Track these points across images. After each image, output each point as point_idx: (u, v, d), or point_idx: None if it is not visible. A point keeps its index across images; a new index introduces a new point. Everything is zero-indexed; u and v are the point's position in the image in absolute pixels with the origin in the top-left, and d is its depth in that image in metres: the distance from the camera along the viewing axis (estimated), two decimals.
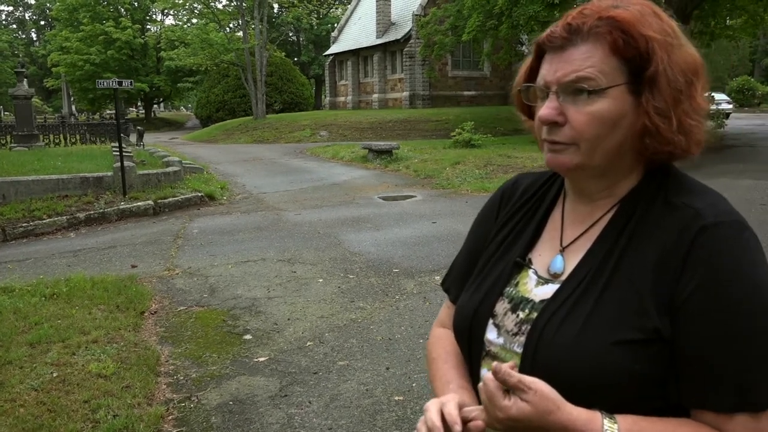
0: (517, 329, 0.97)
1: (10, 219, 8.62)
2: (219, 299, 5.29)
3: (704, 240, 0.87)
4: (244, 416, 3.32)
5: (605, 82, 0.90)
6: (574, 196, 1.04)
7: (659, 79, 0.90)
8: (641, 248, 0.92)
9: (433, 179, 12.44)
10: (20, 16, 72.11)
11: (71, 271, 6.22)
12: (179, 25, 37.01)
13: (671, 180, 0.97)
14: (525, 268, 1.04)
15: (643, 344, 0.87)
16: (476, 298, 1.05)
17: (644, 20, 0.92)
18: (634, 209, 0.95)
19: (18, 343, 4.20)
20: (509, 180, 1.22)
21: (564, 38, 0.93)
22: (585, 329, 0.89)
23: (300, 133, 26.04)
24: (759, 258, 0.88)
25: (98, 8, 44.54)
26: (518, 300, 1.01)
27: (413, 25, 30.64)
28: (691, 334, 0.86)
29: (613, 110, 0.91)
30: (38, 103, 52.00)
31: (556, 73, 0.93)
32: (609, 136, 0.92)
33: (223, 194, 11.34)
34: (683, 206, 0.91)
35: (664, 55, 0.90)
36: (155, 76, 47.11)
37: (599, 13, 0.92)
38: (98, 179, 10.11)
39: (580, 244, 1.00)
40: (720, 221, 0.88)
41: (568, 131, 0.93)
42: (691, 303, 0.86)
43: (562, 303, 0.94)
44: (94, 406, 3.33)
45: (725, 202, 0.93)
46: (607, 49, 0.91)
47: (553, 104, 0.93)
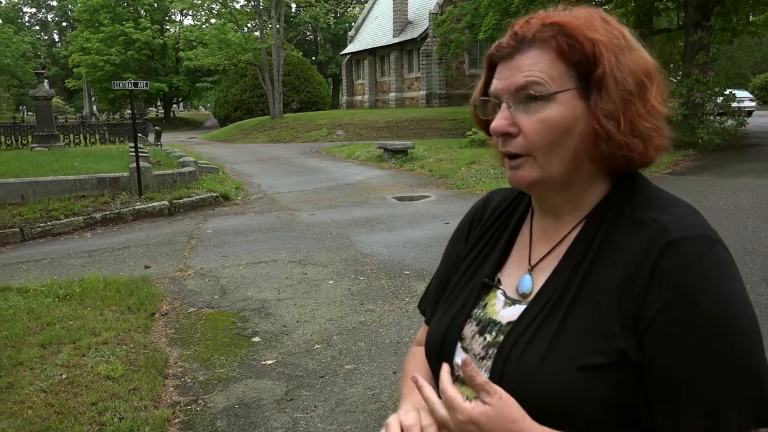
0: (485, 353, 0.95)
1: (28, 219, 8.74)
2: (229, 301, 5.30)
3: (670, 256, 0.83)
4: (249, 420, 3.32)
5: (554, 87, 0.88)
6: (541, 212, 1.01)
7: (607, 81, 0.88)
8: (607, 266, 0.88)
9: (447, 179, 12.38)
10: (43, 18, 73.25)
11: (86, 271, 6.28)
12: (197, 26, 37.25)
13: (638, 192, 0.93)
14: (493, 288, 1.01)
15: (608, 368, 0.83)
16: (445, 321, 1.03)
17: (590, 24, 0.90)
18: (600, 225, 0.92)
19: (30, 344, 4.25)
20: (482, 197, 1.19)
21: (512, 47, 0.92)
22: (549, 353, 0.86)
23: (316, 133, 26.10)
24: (729, 273, 0.83)
25: (118, 9, 45.07)
26: (486, 322, 0.98)
27: (430, 23, 30.56)
28: (658, 356, 0.82)
29: (564, 115, 0.88)
30: (60, 103, 52.81)
31: (506, 81, 0.91)
32: (562, 143, 0.89)
33: (238, 194, 11.39)
34: (649, 221, 0.87)
35: (611, 57, 0.88)
36: (174, 76, 47.57)
37: (544, 19, 0.91)
38: (115, 179, 10.21)
39: (547, 263, 0.96)
40: (687, 235, 0.84)
41: (521, 141, 0.90)
42: (658, 322, 0.82)
43: (527, 325, 0.91)
44: (101, 408, 3.35)
45: (695, 215, 0.89)
46: (554, 54, 0.89)
47: (504, 114, 0.91)
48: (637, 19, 17.66)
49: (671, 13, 18.53)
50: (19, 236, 8.37)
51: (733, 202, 8.40)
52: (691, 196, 8.90)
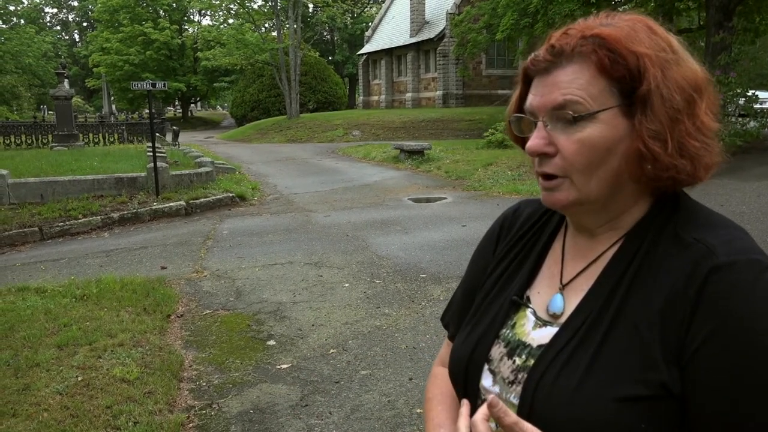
0: (514, 377, 0.90)
1: (47, 218, 8.81)
2: (245, 303, 5.29)
3: (717, 281, 0.77)
4: (264, 426, 3.29)
5: (594, 105, 0.83)
6: (575, 228, 0.96)
7: (653, 99, 0.82)
8: (647, 289, 0.82)
9: (464, 180, 12.31)
10: (64, 18, 74.18)
11: (103, 271, 6.31)
12: (215, 26, 37.50)
13: (682, 211, 0.87)
14: (523, 307, 0.96)
15: (649, 401, 0.78)
16: (471, 340, 0.98)
17: (634, 36, 0.84)
18: (640, 244, 0.86)
19: (46, 345, 4.26)
20: (511, 207, 1.14)
21: (549, 61, 0.86)
22: (584, 382, 0.81)
23: (333, 133, 26.12)
24: None
25: (138, 9, 45.49)
26: (515, 344, 0.93)
27: (447, 23, 30.46)
28: (702, 390, 0.76)
29: (605, 135, 0.83)
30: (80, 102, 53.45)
31: (542, 98, 0.86)
32: (603, 164, 0.84)
33: (255, 195, 11.41)
34: (694, 242, 0.82)
35: (657, 72, 0.82)
36: (192, 75, 47.90)
37: (583, 31, 0.85)
38: (132, 179, 10.27)
39: (581, 282, 0.91)
40: (735, 260, 0.78)
41: (559, 162, 0.85)
42: (703, 354, 0.76)
43: (560, 350, 0.85)
44: (116, 411, 3.34)
45: (745, 237, 0.82)
46: (594, 70, 0.83)
47: (540, 134, 0.86)
48: (657, 20, 17.46)
49: (692, 13, 18.29)
50: (38, 235, 8.44)
51: (757, 206, 8.24)
52: (713, 199, 8.76)
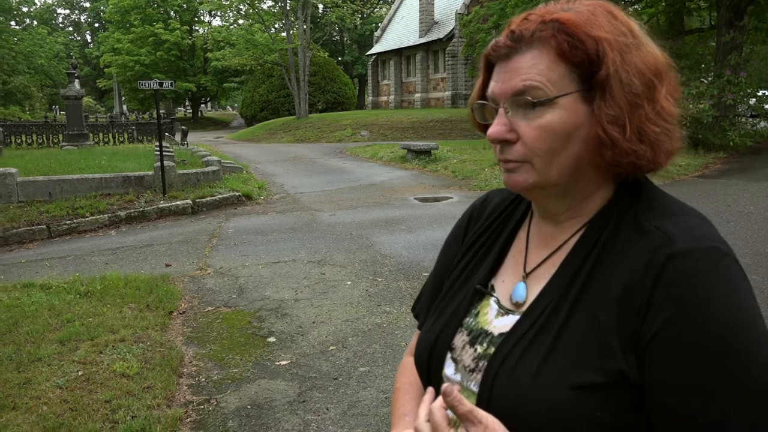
0: (475, 365, 0.90)
1: (55, 216, 8.89)
2: (247, 300, 5.31)
3: (674, 269, 0.76)
4: (261, 421, 3.30)
5: (554, 91, 0.82)
6: (540, 216, 0.96)
7: (611, 83, 0.81)
8: (606, 277, 0.82)
9: (470, 180, 12.28)
10: (76, 19, 74.77)
11: (108, 268, 6.35)
12: (225, 26, 37.67)
13: (644, 198, 0.87)
14: (487, 296, 0.96)
15: (605, 388, 0.77)
16: (435, 329, 0.98)
17: (594, 20, 0.83)
18: (601, 232, 0.86)
19: (49, 340, 4.30)
20: (480, 197, 1.14)
21: (509, 47, 0.86)
22: (542, 370, 0.81)
23: (341, 133, 26.16)
24: (739, 288, 0.76)
25: (148, 10, 45.81)
26: (477, 332, 0.93)
27: (456, 23, 30.42)
28: (660, 379, 0.76)
29: (565, 121, 0.83)
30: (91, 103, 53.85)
31: (503, 85, 0.86)
32: (563, 150, 0.84)
33: (261, 194, 11.44)
34: (654, 230, 0.81)
35: (616, 56, 0.82)
36: (202, 76, 48.17)
37: (543, 16, 0.85)
38: (139, 178, 10.33)
39: (544, 271, 0.91)
40: (693, 247, 0.77)
41: (520, 148, 0.85)
42: (659, 342, 0.76)
43: (520, 338, 0.85)
44: (115, 406, 3.36)
45: (704, 225, 0.82)
46: (553, 55, 0.83)
47: (502, 120, 0.86)
48: (668, 19, 17.34)
49: (703, 12, 18.15)
50: (46, 233, 8.52)
51: (765, 206, 8.17)
52: (720, 200, 8.69)
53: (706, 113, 13.24)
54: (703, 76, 14.72)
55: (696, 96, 13.23)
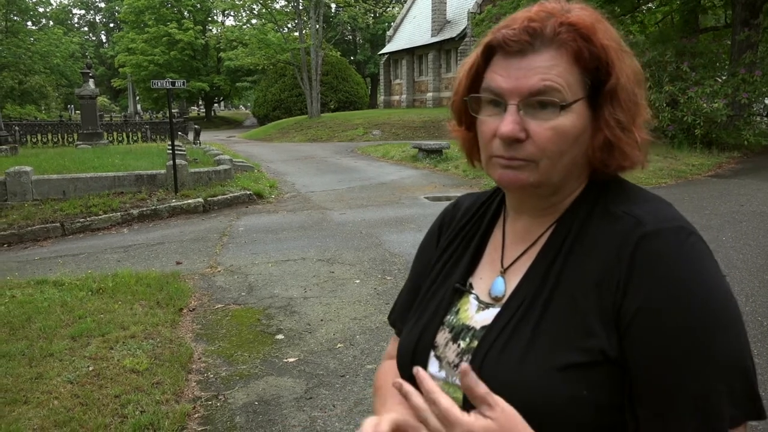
0: (459, 360, 0.91)
1: (68, 214, 8.99)
2: (256, 298, 5.34)
3: (646, 249, 0.80)
4: (268, 417, 3.33)
5: (570, 95, 0.84)
6: (516, 213, 0.97)
7: (620, 92, 0.85)
8: (582, 263, 0.85)
9: (481, 180, 12.25)
10: (91, 19, 75.47)
11: (120, 266, 6.42)
12: (238, 26, 37.87)
13: (612, 188, 0.90)
14: (465, 293, 0.97)
15: (589, 367, 0.79)
16: (416, 330, 0.99)
17: (601, 28, 0.86)
18: (572, 222, 0.89)
19: (61, 336, 4.36)
20: (450, 202, 1.15)
21: (524, 42, 0.84)
22: (526, 356, 0.82)
23: (353, 132, 26.20)
24: (707, 264, 0.80)
25: (162, 10, 46.11)
26: (459, 328, 0.94)
27: (468, 23, 30.33)
28: (642, 354, 0.79)
29: (576, 125, 0.85)
30: (106, 102, 54.33)
31: (516, 81, 0.84)
32: (568, 152, 0.86)
33: (272, 192, 11.50)
34: (623, 215, 0.84)
35: (620, 65, 0.85)
36: (215, 75, 48.44)
37: (559, 17, 0.85)
38: (152, 177, 10.42)
39: (521, 264, 0.93)
40: (661, 228, 0.81)
41: (530, 148, 0.85)
42: (639, 320, 0.78)
43: (502, 329, 0.87)
44: (124, 401, 3.41)
45: (669, 208, 0.86)
46: (571, 58, 0.84)
47: (515, 118, 0.84)
48: (682, 17, 17.18)
49: (718, 10, 17.96)
50: (59, 231, 8.62)
51: None
52: (734, 199, 8.61)
53: (720, 112, 13.11)
54: (718, 74, 14.57)
55: (710, 95, 13.10)
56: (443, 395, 0.79)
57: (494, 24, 3.79)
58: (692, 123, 12.96)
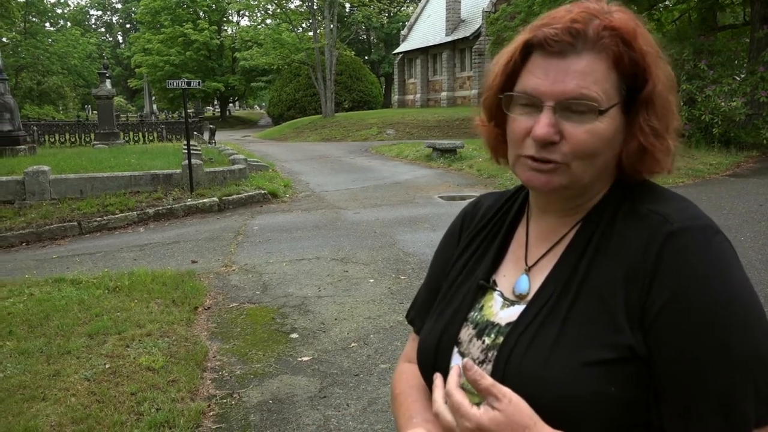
0: (484, 356, 0.90)
1: (85, 213, 9.09)
2: (270, 297, 5.36)
3: (672, 247, 0.80)
4: (282, 416, 3.34)
5: (606, 101, 0.83)
6: (541, 212, 0.97)
7: (655, 99, 0.85)
8: (609, 260, 0.84)
9: (495, 179, 12.20)
10: (108, 20, 76.25)
11: (136, 264, 6.48)
12: (252, 26, 38.05)
13: (637, 188, 0.90)
14: (489, 290, 0.97)
15: (616, 363, 0.79)
16: (439, 326, 0.98)
17: (640, 32, 0.85)
18: (599, 220, 0.88)
19: (78, 333, 4.40)
20: (471, 202, 1.15)
21: (567, 42, 0.83)
22: (554, 352, 0.82)
23: (367, 132, 26.22)
24: (732, 263, 0.80)
25: (178, 11, 46.48)
26: (483, 325, 0.93)
27: (483, 21, 30.23)
28: (666, 351, 0.78)
29: (610, 129, 0.85)
30: (122, 102, 54.86)
31: (553, 84, 0.83)
32: (601, 156, 0.86)
33: (286, 192, 11.54)
34: (649, 213, 0.85)
35: (657, 72, 0.85)
36: (230, 75, 48.73)
37: (602, 19, 0.84)
38: (167, 176, 10.50)
39: (546, 262, 0.92)
40: (689, 225, 0.81)
41: (564, 149, 0.84)
42: (664, 317, 0.78)
43: (528, 325, 0.86)
44: (140, 398, 3.43)
45: (695, 207, 0.86)
46: (610, 63, 0.84)
47: (550, 120, 0.84)
48: (699, 15, 16.98)
49: (737, 8, 17.73)
50: (77, 230, 8.72)
51: None
52: (752, 199, 8.50)
53: (739, 111, 12.94)
54: (736, 73, 14.39)
55: (728, 93, 12.94)
56: (457, 391, 0.83)
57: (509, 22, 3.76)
58: (710, 122, 12.81)
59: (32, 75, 41.51)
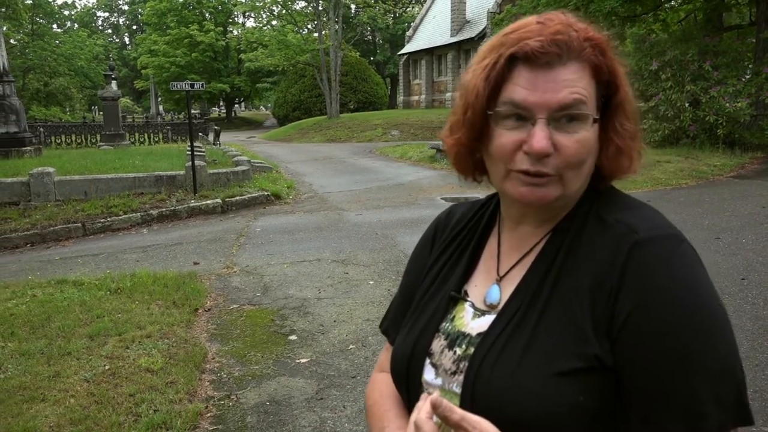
0: (455, 367, 0.91)
1: (90, 215, 9.15)
2: (271, 298, 5.39)
3: (637, 258, 0.81)
4: (279, 417, 3.36)
5: (592, 108, 0.86)
6: (514, 222, 0.97)
7: (626, 104, 0.89)
8: (576, 270, 0.86)
9: None
10: (115, 22, 76.58)
11: (139, 266, 6.52)
12: (258, 27, 38.16)
13: (603, 196, 0.92)
14: (461, 301, 0.98)
15: (585, 373, 0.80)
16: (411, 337, 0.99)
17: (610, 43, 0.89)
18: (567, 231, 0.90)
19: (79, 335, 4.44)
20: (444, 211, 1.15)
21: (554, 53, 0.83)
22: (523, 362, 0.83)
23: (371, 133, 26.25)
24: (698, 272, 0.82)
25: (184, 12, 46.63)
26: (455, 335, 0.94)
27: (488, 22, 30.21)
28: (632, 361, 0.80)
29: (594, 137, 0.87)
30: (129, 103, 55.09)
31: (544, 95, 0.83)
32: (587, 163, 0.88)
33: (290, 193, 11.57)
34: (616, 223, 0.86)
35: (624, 78, 0.90)
36: (236, 76, 48.85)
37: (581, 32, 0.86)
38: (171, 178, 10.55)
39: (516, 272, 0.93)
40: (654, 235, 0.83)
41: (557, 161, 0.84)
42: (629, 327, 0.80)
43: (498, 335, 0.88)
44: (138, 400, 3.46)
45: (660, 216, 0.87)
46: (591, 72, 0.86)
47: (546, 133, 0.83)
48: (705, 16, 16.92)
49: (743, 8, 17.66)
50: (81, 231, 8.78)
51: None
52: (755, 201, 8.47)
53: (744, 112, 12.89)
54: (741, 73, 14.33)
55: (733, 94, 12.89)
56: (427, 423, 0.81)
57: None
58: (714, 123, 12.77)
59: (39, 76, 41.73)
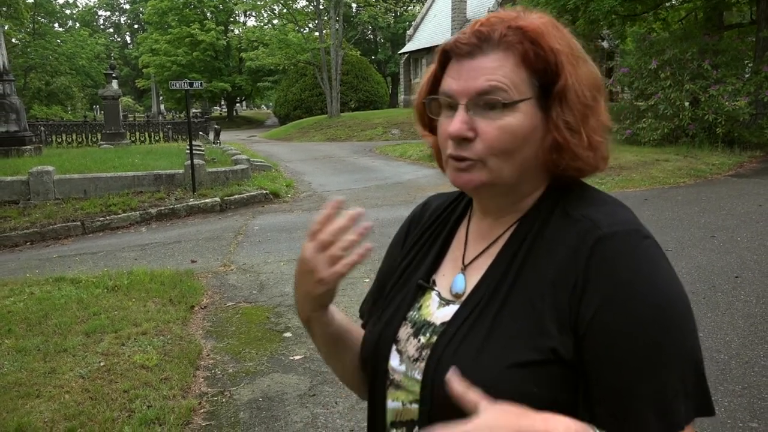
0: (418, 354, 0.93)
1: (89, 213, 9.18)
2: (266, 296, 5.42)
3: (601, 253, 0.82)
4: (271, 413, 3.39)
5: (516, 94, 0.86)
6: (482, 213, 1.00)
7: (569, 94, 0.87)
8: (539, 264, 0.87)
9: None
10: (116, 21, 76.64)
11: (137, 264, 6.55)
12: (258, 26, 38.19)
13: (574, 192, 0.93)
14: (428, 290, 1.00)
15: (540, 365, 0.82)
16: (380, 324, 1.02)
17: (551, 33, 0.89)
18: (533, 223, 0.91)
19: (75, 332, 4.48)
20: (421, 202, 1.18)
21: (473, 45, 0.88)
22: (481, 352, 0.85)
23: (372, 132, 26.28)
24: (661, 267, 0.83)
25: (185, 11, 46.65)
26: (420, 324, 0.97)
27: None
28: (600, 355, 0.81)
29: (523, 125, 0.87)
30: (130, 102, 55.16)
31: (465, 83, 0.88)
32: (518, 151, 0.88)
33: (288, 192, 11.60)
34: (581, 218, 0.87)
35: (570, 68, 0.88)
36: (237, 75, 48.89)
37: (508, 22, 0.88)
38: (170, 176, 10.58)
39: (481, 262, 0.95)
40: (616, 231, 0.83)
41: (478, 146, 0.88)
42: (597, 322, 0.81)
43: (460, 325, 0.89)
44: (132, 396, 3.50)
45: (625, 211, 0.88)
46: (518, 60, 0.87)
47: (463, 118, 0.87)
48: (705, 14, 16.91)
49: (743, 7, 17.65)
50: (80, 229, 8.81)
51: None
52: (752, 199, 8.48)
53: (743, 110, 12.91)
54: (741, 72, 14.34)
55: (732, 93, 12.90)
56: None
57: None
58: (713, 121, 12.78)
59: (41, 75, 41.81)
